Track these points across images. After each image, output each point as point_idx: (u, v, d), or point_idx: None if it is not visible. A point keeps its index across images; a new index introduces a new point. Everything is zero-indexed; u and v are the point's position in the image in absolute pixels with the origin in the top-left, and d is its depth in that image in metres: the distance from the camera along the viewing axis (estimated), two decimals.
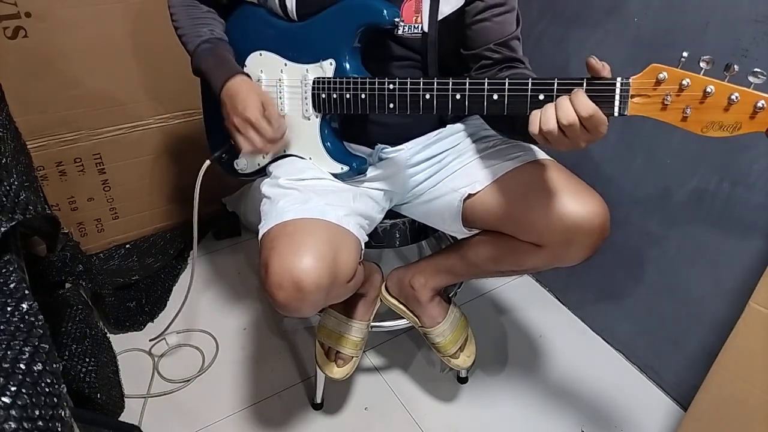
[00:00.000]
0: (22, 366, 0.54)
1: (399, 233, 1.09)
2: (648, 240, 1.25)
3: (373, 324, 1.18)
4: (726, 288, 1.12)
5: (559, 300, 1.55)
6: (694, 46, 1.01)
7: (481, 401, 1.29)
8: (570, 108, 0.67)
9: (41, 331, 0.58)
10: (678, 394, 1.29)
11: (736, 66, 0.60)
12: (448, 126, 1.01)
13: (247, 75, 0.95)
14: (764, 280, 0.88)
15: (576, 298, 1.51)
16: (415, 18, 0.89)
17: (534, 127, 0.70)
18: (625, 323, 1.37)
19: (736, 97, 0.61)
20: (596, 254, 0.92)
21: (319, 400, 1.24)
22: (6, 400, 0.50)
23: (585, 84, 0.69)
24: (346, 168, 0.94)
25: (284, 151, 0.99)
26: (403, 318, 1.18)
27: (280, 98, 0.97)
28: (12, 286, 0.62)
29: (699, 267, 1.16)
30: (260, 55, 0.98)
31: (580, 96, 0.67)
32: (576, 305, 1.51)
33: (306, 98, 0.93)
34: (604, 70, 0.69)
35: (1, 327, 0.56)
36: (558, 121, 0.68)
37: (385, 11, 0.84)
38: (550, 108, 0.69)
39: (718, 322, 1.14)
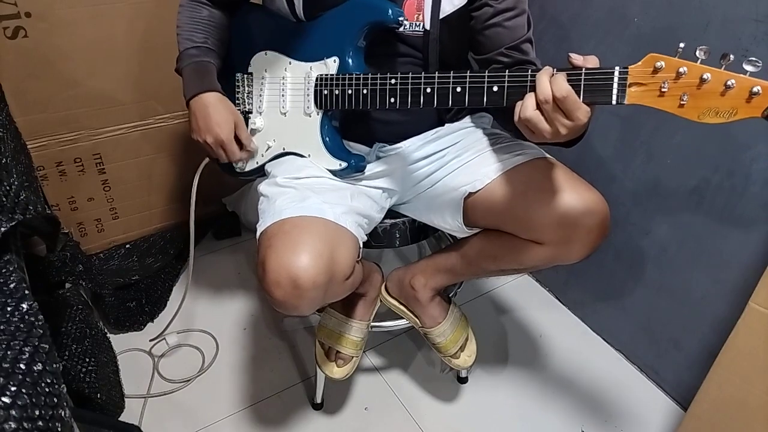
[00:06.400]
0: (22, 366, 0.53)
1: (399, 233, 1.09)
2: (648, 240, 1.25)
3: (373, 324, 1.18)
4: (726, 288, 1.12)
5: (559, 300, 1.55)
6: (694, 45, 1.01)
7: (481, 401, 1.29)
8: (547, 86, 0.69)
9: (41, 331, 0.58)
10: (678, 394, 1.29)
11: (731, 55, 0.61)
12: (446, 125, 1.01)
13: (223, 94, 0.98)
14: (764, 281, 0.88)
15: (576, 298, 1.51)
16: (416, 16, 0.90)
17: (515, 116, 0.73)
18: (625, 323, 1.37)
19: (732, 83, 0.61)
20: (596, 253, 0.92)
21: (319, 400, 1.24)
22: (6, 400, 0.50)
23: (584, 73, 0.69)
24: (344, 164, 0.95)
25: (283, 149, 1.00)
26: (403, 318, 1.18)
27: (283, 95, 0.98)
28: (12, 286, 0.62)
29: (699, 267, 1.16)
30: (265, 54, 1.00)
31: (558, 78, 0.69)
32: (576, 305, 1.51)
33: (308, 95, 0.94)
34: (587, 62, 0.70)
35: (1, 327, 0.56)
36: (536, 98, 0.70)
37: (389, 11, 0.86)
38: (530, 96, 0.71)
39: (718, 322, 1.14)
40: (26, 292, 0.62)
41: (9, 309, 0.59)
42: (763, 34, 0.93)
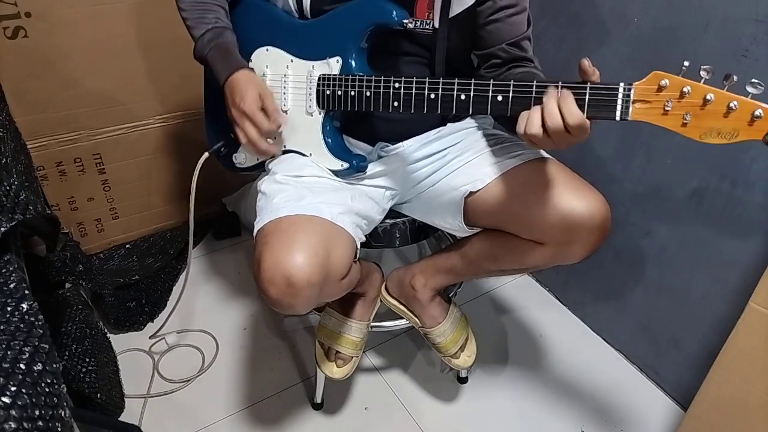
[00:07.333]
0: (22, 366, 0.54)
1: (399, 233, 1.09)
2: (648, 240, 1.25)
3: (373, 324, 1.18)
4: (726, 288, 1.12)
5: (559, 300, 1.55)
6: (694, 46, 1.01)
7: (481, 401, 1.29)
8: (557, 113, 0.69)
9: (41, 331, 0.58)
10: (678, 394, 1.29)
11: (734, 76, 0.62)
12: (448, 125, 1.01)
13: (250, 69, 0.95)
14: (764, 281, 0.88)
15: (576, 298, 1.51)
16: (428, 14, 0.90)
17: (520, 128, 0.72)
18: (625, 323, 1.37)
19: (735, 105, 0.62)
20: (596, 254, 0.92)
21: (319, 400, 1.24)
22: (6, 400, 0.50)
23: (588, 88, 0.69)
24: (345, 165, 0.95)
25: (284, 146, 1.00)
26: (403, 318, 1.18)
27: (284, 93, 0.97)
28: (12, 286, 0.62)
29: (699, 267, 1.16)
30: (267, 50, 0.99)
31: (569, 102, 0.68)
32: (576, 305, 1.51)
33: (310, 94, 0.94)
34: (594, 75, 0.69)
35: (1, 327, 0.56)
36: (544, 124, 0.70)
37: (394, 12, 0.85)
38: (536, 111, 0.71)
39: (718, 322, 1.14)
40: (26, 292, 0.62)
41: (9, 309, 0.59)
42: (763, 34, 0.93)
